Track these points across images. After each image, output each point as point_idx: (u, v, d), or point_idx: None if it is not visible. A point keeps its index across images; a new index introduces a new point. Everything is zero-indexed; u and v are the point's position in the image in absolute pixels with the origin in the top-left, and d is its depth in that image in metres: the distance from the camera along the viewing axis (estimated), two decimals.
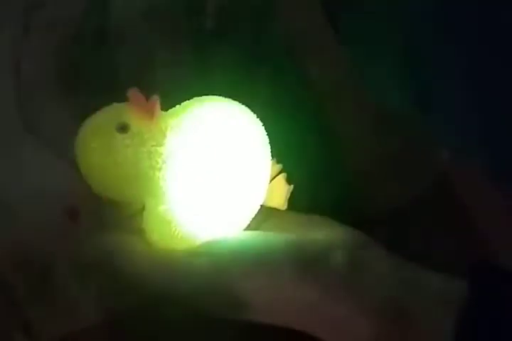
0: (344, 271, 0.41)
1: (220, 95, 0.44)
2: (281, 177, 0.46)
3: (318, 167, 0.54)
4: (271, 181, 0.45)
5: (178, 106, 0.42)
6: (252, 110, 0.44)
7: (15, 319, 0.52)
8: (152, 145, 0.40)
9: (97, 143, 0.40)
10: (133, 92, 0.41)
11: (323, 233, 0.43)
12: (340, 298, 0.40)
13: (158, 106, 0.41)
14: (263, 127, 0.44)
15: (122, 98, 0.42)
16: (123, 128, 0.40)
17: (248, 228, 0.44)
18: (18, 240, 0.51)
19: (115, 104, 0.42)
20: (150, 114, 0.41)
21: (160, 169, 0.40)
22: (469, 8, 0.48)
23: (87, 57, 0.53)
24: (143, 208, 0.42)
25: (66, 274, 0.52)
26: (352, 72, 0.55)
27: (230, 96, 0.44)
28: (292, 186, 0.47)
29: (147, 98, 0.41)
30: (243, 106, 0.43)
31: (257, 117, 0.44)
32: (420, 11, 0.51)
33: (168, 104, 0.42)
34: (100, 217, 0.46)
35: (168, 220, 0.41)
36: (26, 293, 0.52)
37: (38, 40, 0.52)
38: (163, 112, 0.42)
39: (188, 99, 0.43)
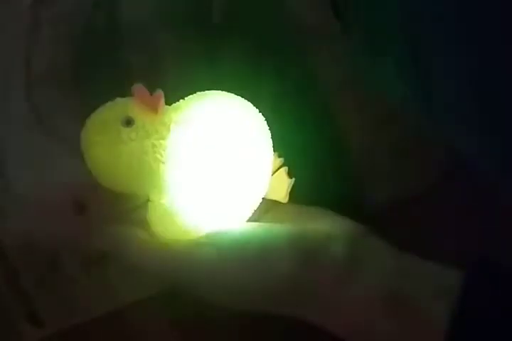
0: (344, 260, 0.41)
1: (224, 90, 0.44)
2: (283, 170, 0.47)
3: (319, 161, 0.54)
4: (273, 174, 0.46)
5: (181, 100, 0.43)
6: (256, 105, 0.45)
7: (21, 308, 0.53)
8: (156, 139, 0.41)
9: (103, 137, 0.41)
10: (138, 87, 0.41)
11: (323, 224, 0.43)
12: (340, 287, 0.41)
13: (162, 100, 0.42)
14: (265, 122, 0.44)
15: (130, 92, 0.42)
16: (128, 123, 0.41)
17: (250, 219, 0.45)
18: (27, 230, 0.52)
19: (120, 99, 0.43)
20: (154, 108, 0.41)
21: (164, 162, 0.41)
22: (472, 4, 0.48)
23: (96, 51, 0.53)
24: (147, 200, 0.43)
25: (73, 264, 0.53)
26: (356, 68, 0.56)
27: (234, 91, 0.44)
28: (293, 179, 0.47)
29: (151, 93, 0.42)
30: (245, 101, 0.44)
31: (260, 112, 0.44)
32: (424, 7, 0.51)
33: (172, 99, 0.43)
34: (107, 208, 0.46)
35: (171, 212, 0.42)
36: (33, 282, 0.52)
37: (48, 34, 0.52)
38: (167, 106, 0.42)
39: (192, 94, 0.44)
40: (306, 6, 0.55)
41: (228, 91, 0.44)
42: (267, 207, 0.46)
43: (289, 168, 0.47)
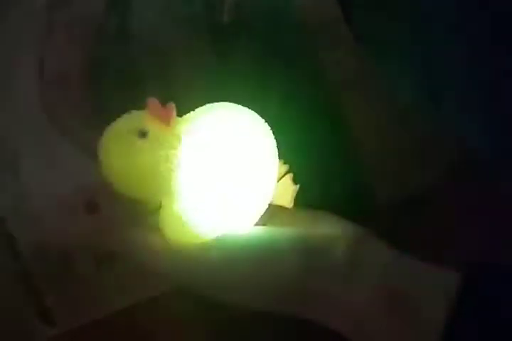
0: (345, 262, 0.43)
1: (232, 99, 0.46)
2: (288, 177, 0.48)
3: (323, 168, 0.55)
4: (278, 181, 0.47)
5: (192, 112, 0.45)
6: (263, 106, 0.46)
7: (34, 306, 0.54)
8: (168, 149, 0.43)
9: (119, 147, 0.43)
10: (151, 100, 0.43)
11: (326, 227, 0.45)
12: (341, 287, 0.42)
13: (174, 112, 0.43)
14: (271, 131, 0.46)
15: (141, 95, 0.44)
16: (142, 134, 0.43)
17: (257, 224, 0.46)
18: (40, 229, 0.53)
19: (135, 111, 0.44)
20: (167, 120, 0.43)
21: (175, 170, 0.43)
22: (480, 6, 0.48)
23: (108, 52, 0.54)
24: (159, 206, 0.45)
25: (85, 263, 0.54)
26: (366, 67, 0.56)
27: (241, 100, 0.46)
28: (298, 185, 0.49)
29: (164, 105, 0.43)
30: (252, 112, 0.46)
31: (266, 121, 0.46)
32: (432, 6, 0.50)
33: (182, 99, 0.44)
34: (119, 208, 0.48)
35: (182, 217, 0.44)
36: (45, 281, 0.54)
37: (61, 36, 0.53)
38: (178, 118, 0.44)
39: (201, 106, 0.45)
40: (314, 7, 0.56)
41: (236, 93, 0.46)
42: (273, 212, 0.47)
43: (293, 175, 0.49)
